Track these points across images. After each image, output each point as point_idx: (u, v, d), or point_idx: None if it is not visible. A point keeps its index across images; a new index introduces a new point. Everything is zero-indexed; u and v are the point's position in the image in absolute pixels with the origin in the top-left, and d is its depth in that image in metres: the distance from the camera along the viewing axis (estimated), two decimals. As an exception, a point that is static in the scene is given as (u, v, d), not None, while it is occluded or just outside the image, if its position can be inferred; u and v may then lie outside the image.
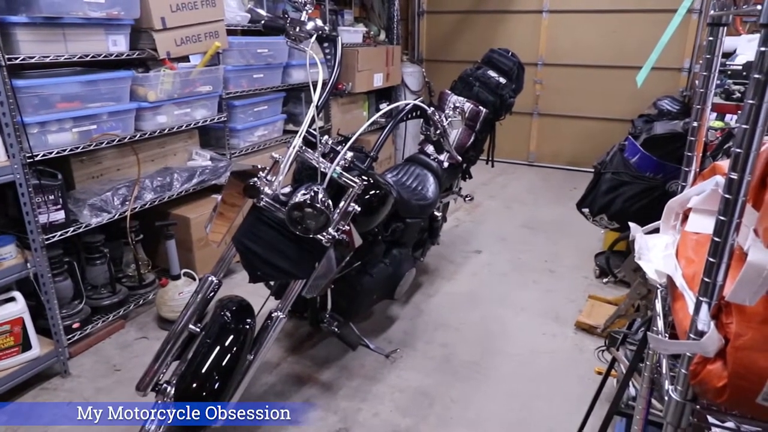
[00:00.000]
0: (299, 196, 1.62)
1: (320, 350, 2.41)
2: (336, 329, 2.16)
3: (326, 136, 1.81)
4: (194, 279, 2.69)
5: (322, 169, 1.72)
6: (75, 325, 2.33)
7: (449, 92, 2.74)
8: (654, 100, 4.17)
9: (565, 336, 2.54)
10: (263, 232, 1.70)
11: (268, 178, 1.74)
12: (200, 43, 2.70)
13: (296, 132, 1.75)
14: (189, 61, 3.01)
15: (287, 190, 1.92)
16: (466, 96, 2.71)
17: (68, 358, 2.25)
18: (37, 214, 2.09)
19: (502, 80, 2.73)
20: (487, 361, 2.35)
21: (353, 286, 2.21)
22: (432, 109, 2.03)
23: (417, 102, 1.97)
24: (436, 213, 2.73)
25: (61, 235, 2.21)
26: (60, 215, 2.22)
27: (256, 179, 1.71)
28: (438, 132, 2.05)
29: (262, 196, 1.70)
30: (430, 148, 2.75)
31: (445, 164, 2.71)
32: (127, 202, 2.49)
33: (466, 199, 3.06)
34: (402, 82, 4.90)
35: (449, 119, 2.07)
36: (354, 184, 1.73)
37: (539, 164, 5.71)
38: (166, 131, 2.68)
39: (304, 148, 1.76)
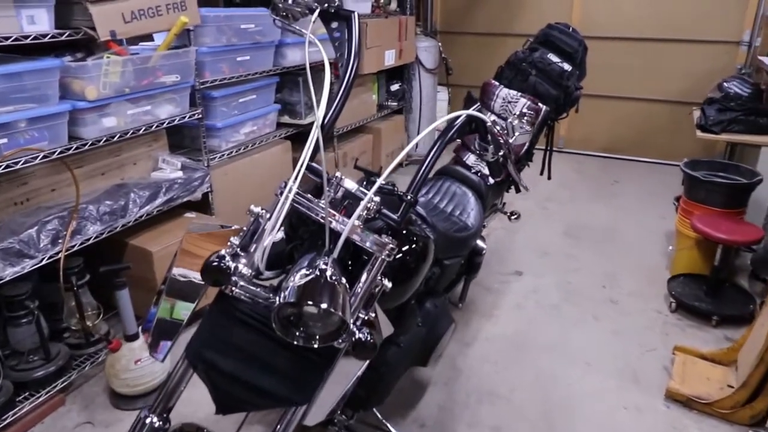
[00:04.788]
0: (294, 283, 0.97)
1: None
2: (348, 429, 1.54)
3: (338, 173, 1.14)
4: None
5: (334, 227, 1.07)
6: (-9, 415, 1.70)
7: (497, 83, 2.04)
8: (719, 81, 3.46)
9: (654, 411, 1.92)
10: (238, 337, 1.06)
11: (246, 245, 1.08)
12: (160, 17, 1.99)
13: (293, 126, 1.16)
14: (153, 41, 2.33)
15: (279, 236, 1.27)
16: (519, 88, 2.01)
17: (-21, 465, 1.64)
18: None
19: (567, 66, 2.03)
20: (557, 459, 1.73)
21: (376, 366, 1.56)
22: (492, 118, 1.35)
23: (473, 112, 1.28)
24: (479, 244, 2.07)
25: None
26: (-44, 270, 1.57)
27: (222, 252, 1.05)
28: (501, 153, 1.37)
29: (235, 278, 1.05)
30: (470, 158, 2.07)
31: (491, 180, 2.04)
32: (60, 240, 1.82)
33: (512, 217, 2.40)
34: (416, 59, 4.16)
35: (516, 131, 1.39)
36: (380, 252, 1.07)
37: (569, 150, 5.02)
38: (116, 137, 2.00)
39: (301, 193, 1.10)
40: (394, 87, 4.11)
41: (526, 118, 1.43)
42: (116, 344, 1.91)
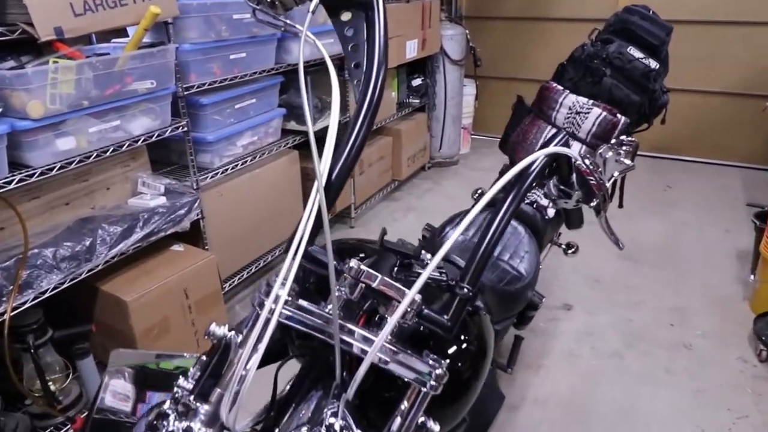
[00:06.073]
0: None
1: None
2: None
3: (352, 262, 0.71)
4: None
5: (348, 347, 0.66)
6: None
7: (560, 88, 1.58)
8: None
9: None
10: None
11: (205, 387, 0.67)
12: (124, 8, 1.56)
13: (301, 133, 0.87)
14: (129, 37, 1.93)
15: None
16: (589, 93, 1.54)
17: None
18: None
19: (653, 64, 1.55)
20: None
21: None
22: (579, 153, 0.91)
23: (557, 148, 0.84)
24: (534, 295, 1.62)
25: None
26: None
27: (165, 407, 0.64)
28: (594, 204, 0.93)
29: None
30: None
31: (550, 212, 1.59)
32: (4, 299, 1.43)
33: (569, 251, 1.94)
34: (441, 49, 3.69)
35: (613, 168, 0.95)
36: (422, 384, 0.67)
37: (612, 150, 4.50)
38: (75, 163, 1.59)
39: (293, 302, 0.68)
40: (416, 82, 3.64)
41: (624, 147, 0.98)
42: (80, 423, 1.52)
